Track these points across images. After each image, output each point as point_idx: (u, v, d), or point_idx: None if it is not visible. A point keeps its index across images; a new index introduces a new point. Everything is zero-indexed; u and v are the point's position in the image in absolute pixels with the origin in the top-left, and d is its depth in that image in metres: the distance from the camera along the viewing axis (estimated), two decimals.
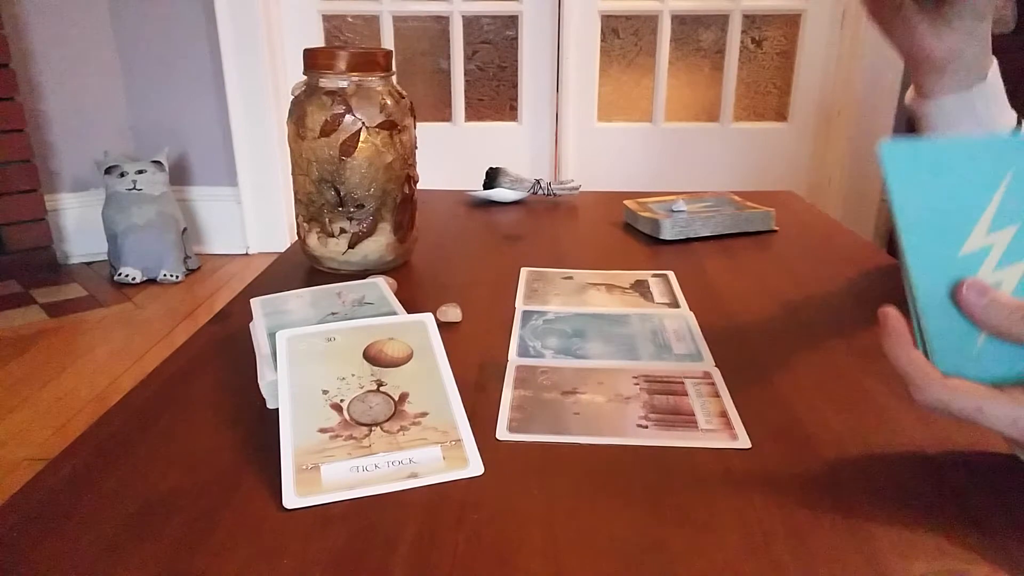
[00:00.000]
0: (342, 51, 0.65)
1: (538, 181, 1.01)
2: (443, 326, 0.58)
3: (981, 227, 0.36)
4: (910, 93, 0.56)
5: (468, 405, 0.44)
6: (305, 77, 0.68)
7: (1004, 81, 0.53)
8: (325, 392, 0.43)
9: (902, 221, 0.36)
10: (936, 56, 0.51)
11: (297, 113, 0.67)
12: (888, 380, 0.49)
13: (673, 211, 0.85)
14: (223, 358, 0.53)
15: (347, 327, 0.48)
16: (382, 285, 0.59)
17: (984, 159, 0.36)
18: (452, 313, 0.59)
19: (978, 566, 0.33)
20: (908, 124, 1.77)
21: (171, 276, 1.98)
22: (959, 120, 0.52)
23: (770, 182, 2.27)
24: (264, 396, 0.47)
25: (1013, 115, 0.54)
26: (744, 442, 0.42)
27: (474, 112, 2.26)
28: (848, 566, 0.33)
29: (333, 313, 0.53)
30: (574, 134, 2.24)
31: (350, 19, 2.21)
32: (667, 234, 0.81)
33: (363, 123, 0.66)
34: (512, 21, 2.17)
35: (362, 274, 0.70)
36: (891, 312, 0.37)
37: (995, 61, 0.53)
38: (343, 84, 0.66)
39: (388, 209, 0.69)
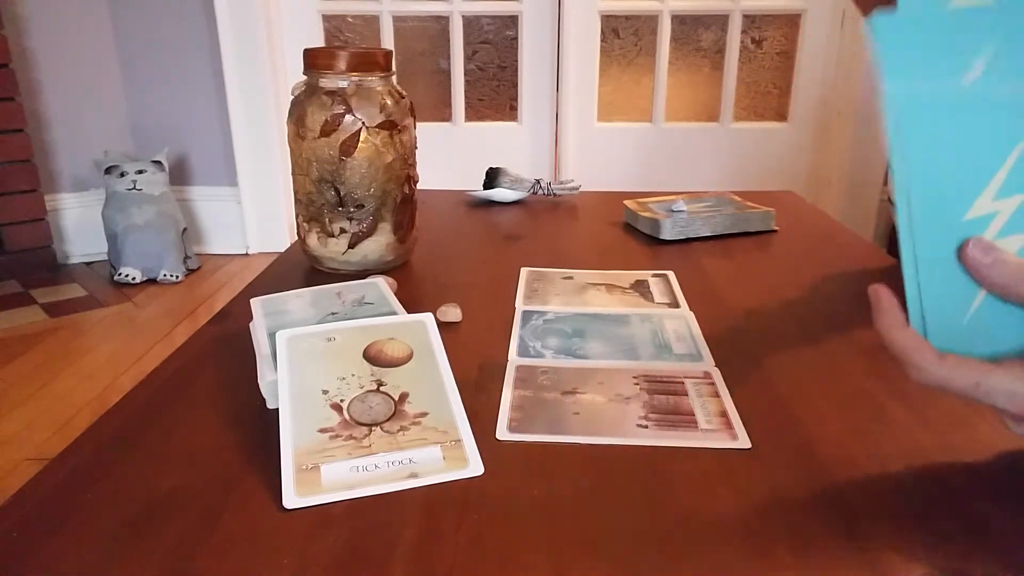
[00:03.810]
0: (342, 51, 0.65)
1: (538, 181, 1.01)
2: (443, 326, 0.58)
3: (989, 192, 0.35)
4: None
5: (468, 405, 0.44)
6: (305, 77, 0.68)
7: None
8: (325, 392, 0.43)
9: (914, 175, 0.34)
10: None
11: (297, 113, 0.67)
12: (889, 380, 0.49)
13: (673, 211, 0.85)
14: (223, 358, 0.53)
15: (347, 327, 0.48)
16: (382, 285, 0.59)
17: (1002, 117, 0.34)
18: (452, 313, 0.59)
19: (978, 567, 0.33)
20: None
21: (171, 276, 1.98)
22: None
23: (770, 182, 2.27)
24: (264, 396, 0.47)
25: None
26: (744, 442, 0.42)
27: (474, 112, 2.26)
28: (848, 567, 0.33)
29: (333, 313, 0.53)
30: (574, 134, 2.24)
31: (350, 19, 2.21)
32: (667, 234, 0.81)
33: (363, 123, 0.66)
34: (512, 21, 2.17)
35: (362, 274, 0.70)
36: (882, 290, 0.37)
37: None
38: (343, 84, 0.66)
39: (388, 209, 0.69)
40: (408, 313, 0.52)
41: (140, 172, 1.95)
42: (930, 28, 0.34)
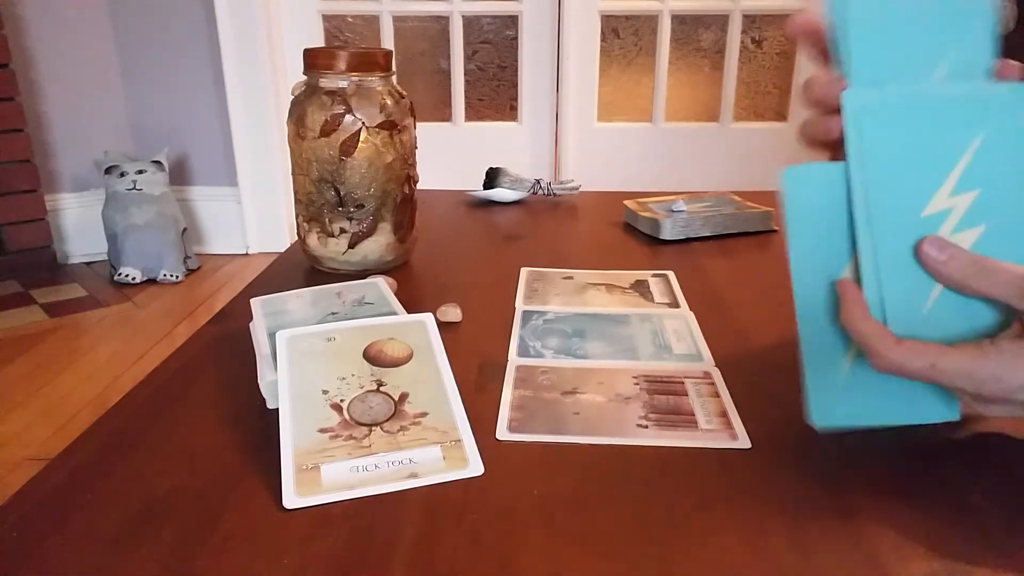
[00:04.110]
0: (342, 51, 0.65)
1: (538, 181, 1.01)
2: (443, 326, 0.58)
3: (945, 189, 0.36)
4: None
5: (468, 405, 0.44)
6: (305, 77, 0.68)
7: None
8: (325, 392, 0.43)
9: (872, 176, 0.36)
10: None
11: (297, 113, 0.67)
12: None
13: (673, 211, 0.85)
14: (223, 358, 0.53)
15: (347, 327, 0.48)
16: (382, 285, 0.59)
17: (958, 115, 0.36)
18: (452, 313, 0.59)
19: (978, 566, 0.33)
20: None
21: (171, 276, 1.98)
22: None
23: (770, 182, 2.27)
24: (264, 396, 0.47)
25: None
26: (744, 442, 0.42)
27: (474, 112, 2.26)
28: (848, 566, 0.33)
29: (333, 313, 0.53)
30: (574, 134, 2.24)
31: (350, 19, 2.21)
32: (667, 234, 0.81)
33: (363, 123, 0.66)
34: (512, 21, 2.17)
35: (362, 274, 0.70)
36: (849, 284, 0.39)
37: None
38: (343, 84, 0.66)
39: (388, 209, 0.69)
40: (408, 313, 0.52)
41: (140, 172, 1.95)
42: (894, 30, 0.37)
